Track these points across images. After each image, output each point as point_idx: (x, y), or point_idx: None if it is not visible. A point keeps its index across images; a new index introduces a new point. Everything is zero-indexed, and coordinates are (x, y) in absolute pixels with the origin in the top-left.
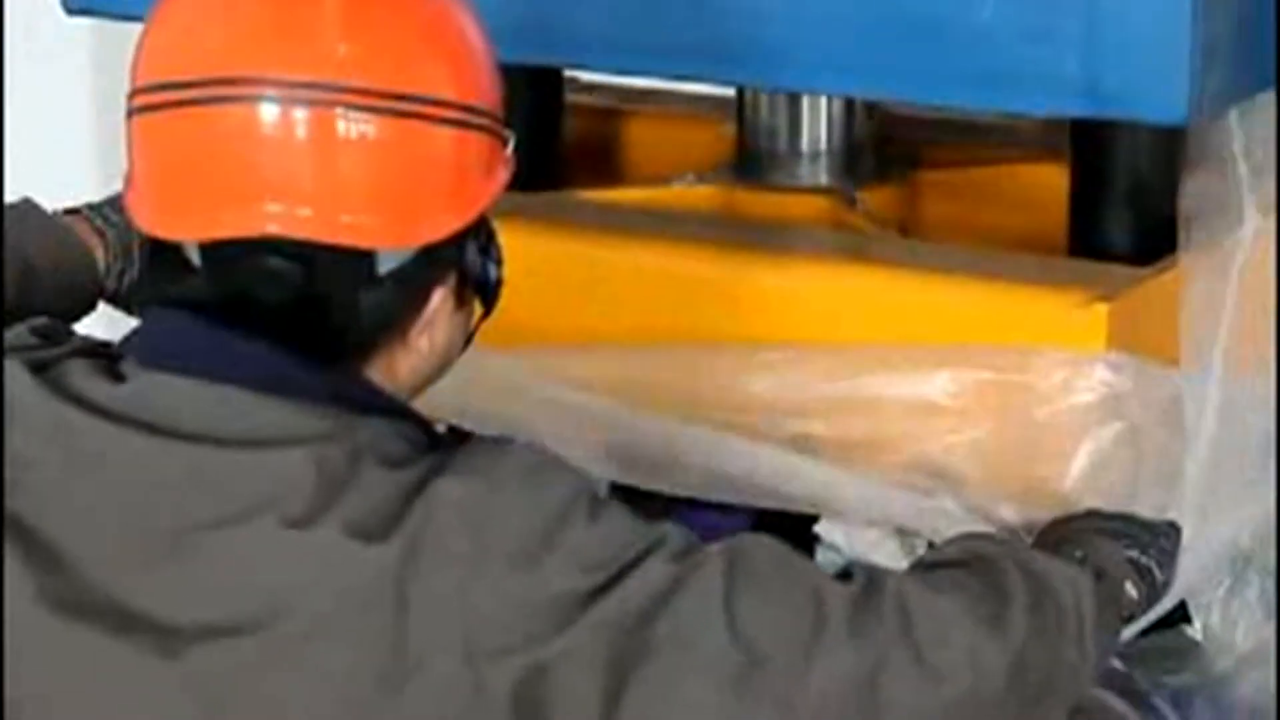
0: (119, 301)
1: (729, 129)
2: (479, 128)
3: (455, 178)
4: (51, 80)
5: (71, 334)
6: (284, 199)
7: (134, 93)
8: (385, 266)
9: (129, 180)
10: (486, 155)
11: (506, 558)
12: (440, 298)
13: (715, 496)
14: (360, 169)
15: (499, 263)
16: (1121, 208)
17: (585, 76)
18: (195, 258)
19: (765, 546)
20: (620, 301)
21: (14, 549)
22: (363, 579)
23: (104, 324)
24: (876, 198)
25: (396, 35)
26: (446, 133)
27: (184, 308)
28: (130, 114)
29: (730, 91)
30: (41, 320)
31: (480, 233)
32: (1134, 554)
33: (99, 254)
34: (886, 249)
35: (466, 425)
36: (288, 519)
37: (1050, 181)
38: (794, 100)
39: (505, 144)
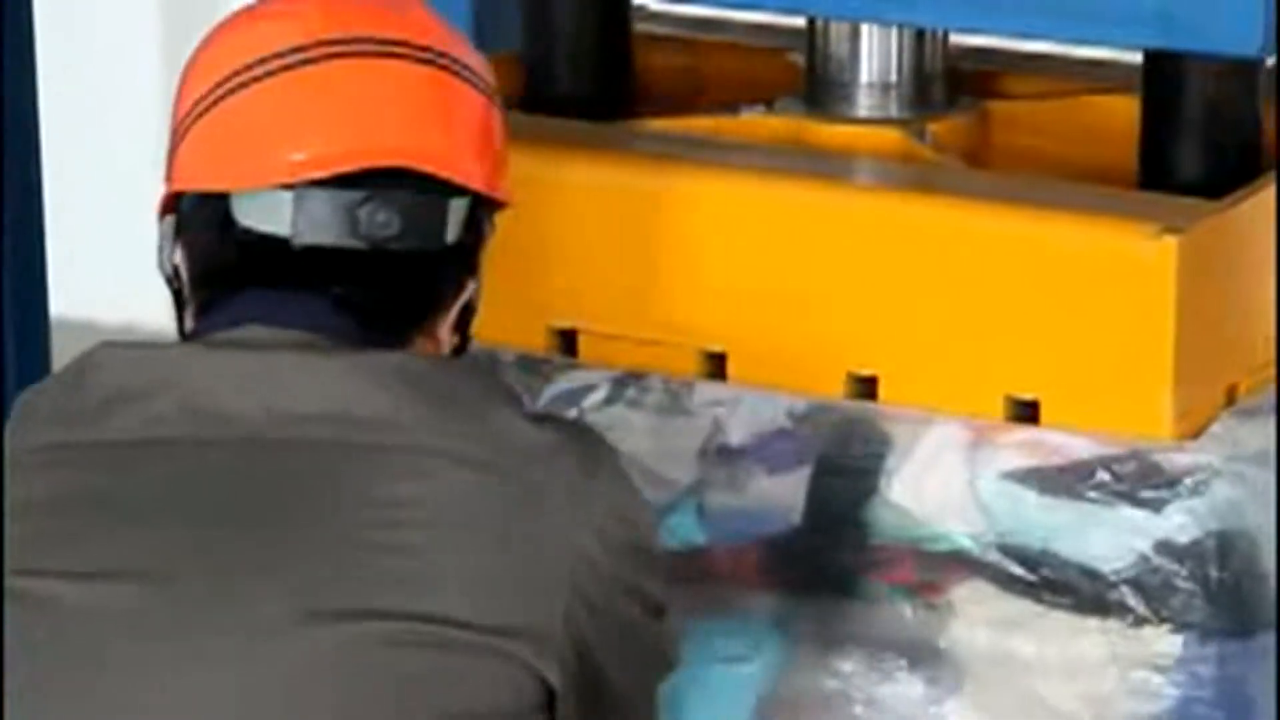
0: None
1: (798, 59)
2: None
3: (506, 153)
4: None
5: None
6: (407, 136)
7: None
8: (451, 235)
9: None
10: None
11: (609, 506)
12: (470, 292)
13: None
14: (468, 123)
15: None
16: (1193, 140)
17: (653, 5)
18: (263, 222)
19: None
20: (688, 232)
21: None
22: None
23: None
24: (945, 129)
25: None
26: (503, 115)
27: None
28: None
29: (800, 21)
30: None
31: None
32: None
33: None
34: (954, 180)
35: None
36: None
37: (1121, 113)
38: (863, 30)
39: None
